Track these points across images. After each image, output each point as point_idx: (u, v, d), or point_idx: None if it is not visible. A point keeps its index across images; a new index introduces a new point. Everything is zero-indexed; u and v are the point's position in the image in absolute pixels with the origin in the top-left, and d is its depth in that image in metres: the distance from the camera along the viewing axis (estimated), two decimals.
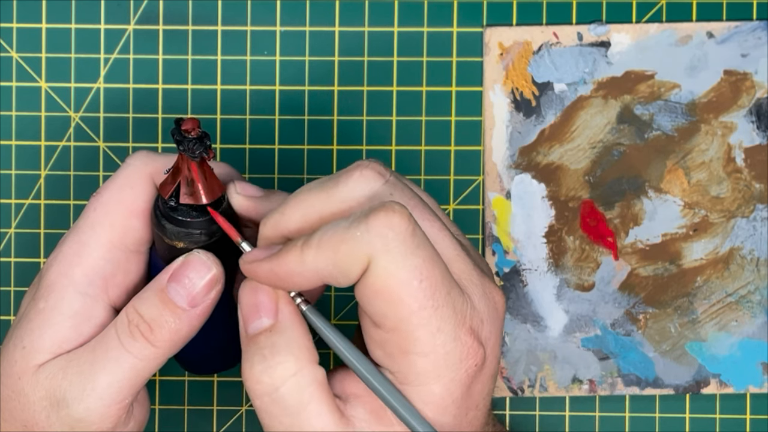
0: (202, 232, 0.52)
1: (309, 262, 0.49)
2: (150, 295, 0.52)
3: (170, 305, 0.51)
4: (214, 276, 0.52)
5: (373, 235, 0.48)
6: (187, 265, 0.52)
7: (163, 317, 0.51)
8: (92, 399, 0.52)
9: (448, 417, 0.50)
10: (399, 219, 0.48)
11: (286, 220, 0.51)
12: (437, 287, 0.48)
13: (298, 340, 0.50)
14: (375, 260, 0.48)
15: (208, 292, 0.52)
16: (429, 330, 0.49)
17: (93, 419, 0.52)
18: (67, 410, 0.52)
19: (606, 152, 0.66)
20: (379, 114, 0.66)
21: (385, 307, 0.49)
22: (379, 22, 0.66)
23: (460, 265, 0.51)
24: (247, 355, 0.50)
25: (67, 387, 0.52)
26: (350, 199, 0.51)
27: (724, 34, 0.66)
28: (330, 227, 0.49)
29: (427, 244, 0.49)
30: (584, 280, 0.66)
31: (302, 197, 0.51)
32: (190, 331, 0.52)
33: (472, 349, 0.50)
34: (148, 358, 0.52)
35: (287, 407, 0.50)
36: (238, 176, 0.56)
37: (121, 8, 0.65)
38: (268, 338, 0.50)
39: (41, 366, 0.52)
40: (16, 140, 0.66)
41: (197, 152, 0.50)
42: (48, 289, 0.53)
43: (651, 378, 0.66)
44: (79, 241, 0.53)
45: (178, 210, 0.52)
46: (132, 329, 0.52)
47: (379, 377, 0.50)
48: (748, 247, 0.66)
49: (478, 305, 0.50)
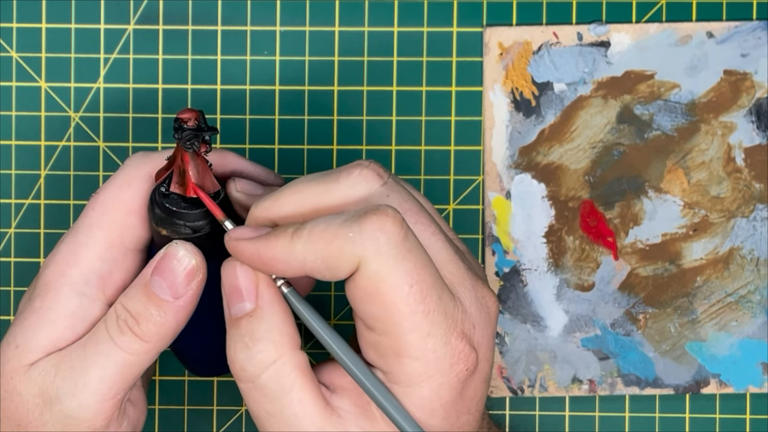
0: (186, 224, 0.52)
1: (297, 252, 0.49)
2: (135, 290, 0.52)
3: (154, 298, 0.51)
4: (193, 266, 0.51)
5: (365, 237, 0.48)
6: (167, 256, 0.52)
7: (148, 311, 0.51)
8: (85, 395, 0.52)
9: (436, 419, 0.50)
10: (392, 223, 0.48)
11: (280, 205, 0.51)
12: (428, 292, 0.49)
13: (278, 325, 0.50)
14: (366, 262, 0.48)
15: (189, 283, 0.52)
16: (420, 334, 0.49)
17: (86, 416, 0.52)
18: (60, 407, 0.52)
19: (606, 152, 0.66)
20: (379, 114, 0.66)
21: (376, 310, 0.49)
22: (379, 22, 0.66)
23: (452, 269, 0.51)
24: (231, 340, 0.51)
25: (60, 383, 0.52)
26: (347, 196, 0.51)
27: (724, 34, 0.66)
28: (322, 221, 0.49)
29: (418, 249, 0.49)
30: (584, 280, 0.66)
31: (299, 187, 0.51)
32: (177, 324, 0.52)
33: (463, 353, 0.50)
34: (137, 352, 0.52)
35: (269, 394, 0.50)
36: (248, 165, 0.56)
37: (121, 8, 0.65)
38: (248, 324, 0.50)
39: (33, 364, 0.52)
40: (16, 140, 0.66)
41: (189, 143, 0.50)
42: (45, 288, 0.53)
43: (651, 378, 0.66)
44: (77, 240, 0.53)
45: (169, 197, 0.52)
46: (120, 324, 0.52)
47: (361, 365, 0.50)
48: (748, 247, 0.66)
49: (470, 309, 0.50)
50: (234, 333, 0.51)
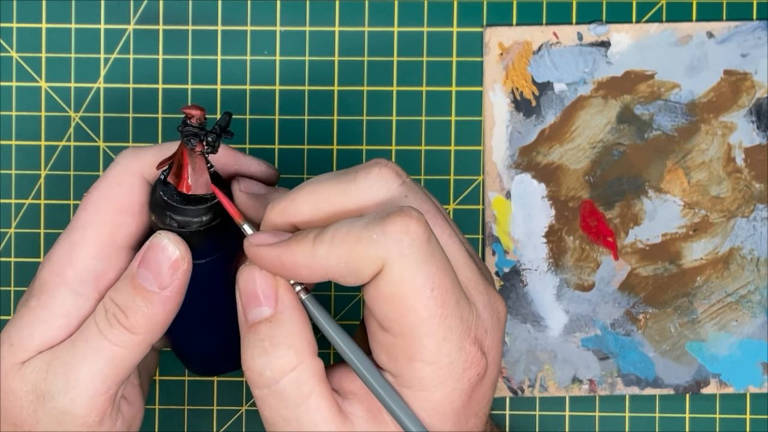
0: (172, 216, 0.51)
1: (320, 257, 0.48)
2: (122, 283, 0.52)
3: (140, 290, 0.51)
4: (177, 257, 0.51)
5: (389, 239, 0.47)
6: (151, 247, 0.51)
7: (135, 302, 0.51)
8: (77, 390, 0.51)
9: (447, 424, 0.50)
10: (416, 225, 0.48)
11: (296, 207, 0.50)
12: (447, 296, 0.48)
13: (298, 331, 0.50)
14: (389, 265, 0.48)
15: (173, 273, 0.51)
16: (436, 339, 0.48)
17: (79, 411, 0.52)
18: (53, 403, 0.51)
19: (606, 152, 0.66)
20: (379, 114, 0.66)
21: (394, 312, 0.48)
22: (379, 22, 0.66)
23: (467, 273, 0.51)
24: (247, 345, 0.50)
25: (52, 380, 0.52)
26: (366, 197, 0.50)
27: (724, 34, 0.66)
28: (345, 224, 0.48)
29: (440, 252, 0.49)
30: (584, 280, 0.66)
31: (315, 188, 0.50)
32: (166, 314, 0.52)
33: (475, 359, 0.49)
34: (127, 344, 0.51)
35: (287, 400, 0.50)
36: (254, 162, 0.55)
37: (121, 8, 0.65)
38: (268, 329, 0.50)
39: (26, 362, 0.52)
40: (16, 140, 0.66)
41: (186, 140, 0.50)
42: (40, 288, 0.53)
43: (651, 378, 0.66)
44: (71, 241, 0.53)
45: (167, 187, 0.52)
46: (109, 317, 0.51)
47: (376, 374, 0.50)
48: (748, 247, 0.66)
49: (483, 315, 0.50)
50: (252, 338, 0.50)
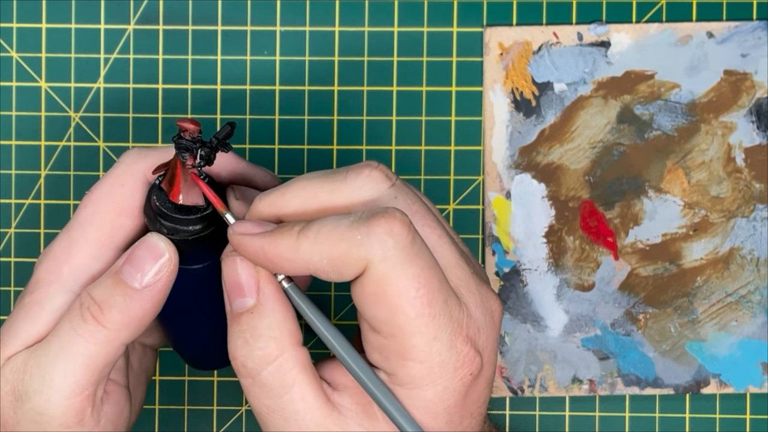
0: (162, 222, 0.51)
1: (303, 251, 0.48)
2: (104, 278, 0.52)
3: (121, 285, 0.51)
4: (165, 259, 0.51)
5: (373, 240, 0.48)
6: (141, 246, 0.51)
7: (114, 297, 0.51)
8: (52, 391, 0.51)
9: (439, 423, 0.50)
10: (399, 226, 0.48)
11: (285, 201, 0.51)
12: (434, 296, 0.48)
13: (279, 322, 0.50)
14: (373, 265, 0.48)
15: (158, 273, 0.51)
16: (425, 338, 0.49)
17: (55, 412, 0.51)
18: (30, 404, 0.51)
19: (606, 152, 0.66)
20: (379, 114, 0.66)
21: (382, 313, 0.48)
22: (379, 22, 0.66)
23: (458, 272, 0.51)
24: (231, 335, 0.51)
25: (28, 380, 0.51)
26: (355, 196, 0.50)
27: (724, 34, 0.66)
28: (330, 221, 0.48)
29: (426, 253, 0.49)
30: (584, 280, 0.66)
31: (305, 184, 0.51)
32: (142, 314, 0.51)
33: (468, 357, 0.49)
34: (100, 341, 0.51)
35: (270, 390, 0.50)
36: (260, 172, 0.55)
37: (121, 8, 0.65)
38: (249, 320, 0.50)
39: (8, 360, 0.52)
40: (16, 140, 0.66)
41: (178, 152, 0.50)
42: (35, 285, 0.53)
43: (651, 378, 0.66)
44: (70, 239, 0.53)
45: (161, 193, 0.52)
46: (84, 312, 0.51)
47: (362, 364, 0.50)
48: (748, 247, 0.66)
49: (475, 314, 0.50)
50: (235, 329, 0.50)
